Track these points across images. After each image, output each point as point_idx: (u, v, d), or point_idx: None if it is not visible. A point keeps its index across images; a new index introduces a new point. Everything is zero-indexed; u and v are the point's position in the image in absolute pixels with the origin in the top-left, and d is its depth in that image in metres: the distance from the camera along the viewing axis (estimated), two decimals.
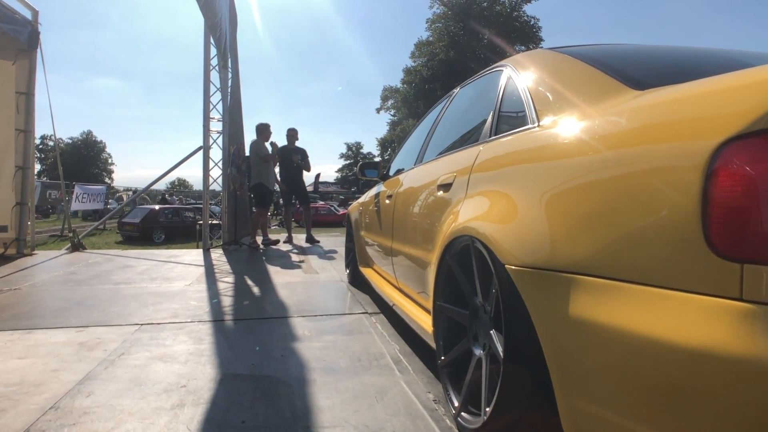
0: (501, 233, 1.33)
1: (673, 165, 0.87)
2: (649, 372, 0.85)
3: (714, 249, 0.77)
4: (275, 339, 2.49)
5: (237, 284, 4.06)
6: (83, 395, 1.77)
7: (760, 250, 0.73)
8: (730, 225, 0.76)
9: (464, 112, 2.37)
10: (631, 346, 0.88)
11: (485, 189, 1.58)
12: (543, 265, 1.13)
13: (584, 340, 0.99)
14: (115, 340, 2.44)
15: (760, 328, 0.71)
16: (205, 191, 6.58)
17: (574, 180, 1.14)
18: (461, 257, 1.61)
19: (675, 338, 0.80)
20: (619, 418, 0.92)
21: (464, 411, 1.47)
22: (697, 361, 0.76)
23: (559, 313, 1.05)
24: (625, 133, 1.06)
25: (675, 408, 0.80)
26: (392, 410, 1.66)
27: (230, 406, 1.69)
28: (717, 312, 0.76)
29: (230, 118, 6.78)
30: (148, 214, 14.19)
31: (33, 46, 5.72)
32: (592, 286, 0.99)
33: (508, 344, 1.22)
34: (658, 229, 0.87)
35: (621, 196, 0.98)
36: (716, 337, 0.74)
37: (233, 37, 7.33)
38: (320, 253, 6.19)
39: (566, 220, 1.12)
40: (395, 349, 2.31)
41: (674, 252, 0.84)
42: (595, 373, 0.96)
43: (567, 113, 1.35)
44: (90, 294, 3.57)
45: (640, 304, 0.88)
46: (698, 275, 0.79)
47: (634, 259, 0.92)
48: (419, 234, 2.18)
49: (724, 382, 0.73)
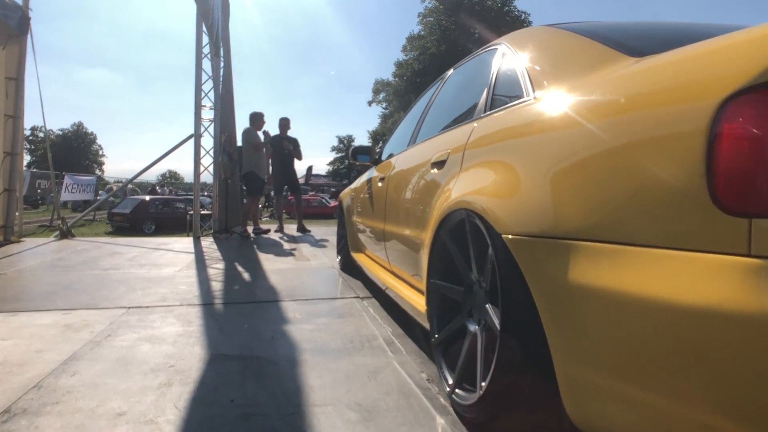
0: (497, 204, 1.30)
1: (676, 123, 0.84)
2: (653, 335, 0.82)
3: (720, 205, 0.75)
4: (265, 322, 2.45)
5: (227, 270, 4.01)
6: (68, 374, 1.72)
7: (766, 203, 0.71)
8: (736, 179, 0.74)
9: (458, 92, 2.34)
10: (635, 309, 0.85)
11: (480, 162, 1.55)
12: (541, 233, 1.10)
13: (585, 306, 0.96)
14: (102, 322, 2.39)
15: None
16: (195, 180, 6.51)
17: (572, 146, 1.11)
18: (456, 233, 1.58)
19: (681, 299, 0.77)
20: (620, 384, 0.89)
21: (459, 388, 1.44)
22: (705, 320, 0.74)
23: (558, 281, 1.02)
24: (624, 96, 1.03)
25: (681, 370, 0.78)
26: (385, 389, 1.63)
27: (219, 385, 1.65)
28: (724, 269, 0.73)
29: (222, 107, 6.69)
30: (139, 205, 14.06)
31: (23, 32, 5.59)
32: (593, 251, 0.96)
33: (504, 316, 1.20)
34: (661, 189, 0.85)
35: (622, 158, 0.96)
36: (724, 295, 0.72)
37: (225, 26, 7.22)
38: (312, 241, 6.14)
39: (565, 186, 1.10)
40: (388, 332, 2.29)
41: (679, 211, 0.81)
42: (597, 339, 0.94)
43: (563, 83, 1.32)
44: (78, 279, 3.51)
45: (644, 266, 0.85)
46: (704, 233, 0.77)
47: (636, 221, 0.89)
48: (413, 214, 2.14)
49: (734, 340, 0.70)
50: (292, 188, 7.45)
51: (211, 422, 1.39)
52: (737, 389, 0.71)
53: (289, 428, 1.36)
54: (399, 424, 1.39)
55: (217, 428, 1.36)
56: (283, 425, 1.38)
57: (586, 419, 1.01)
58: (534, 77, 1.51)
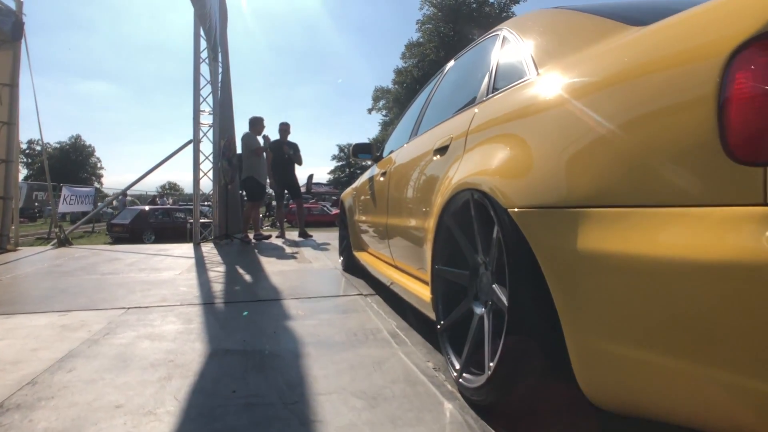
0: (501, 180, 1.27)
1: (685, 79, 0.83)
2: (670, 296, 0.79)
3: (734, 157, 0.72)
4: (267, 318, 2.40)
5: (228, 273, 3.97)
6: (64, 371, 1.68)
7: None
8: (749, 129, 0.72)
9: (460, 82, 2.31)
10: (650, 271, 0.82)
11: (483, 143, 1.52)
12: (547, 203, 1.07)
13: (597, 273, 0.93)
14: (100, 322, 2.34)
15: None
16: (195, 185, 6.47)
17: (576, 114, 1.09)
18: (460, 216, 1.55)
19: (697, 255, 0.74)
20: (637, 351, 0.85)
21: (466, 372, 1.40)
22: (724, 274, 0.71)
23: (567, 250, 0.98)
24: (630, 59, 1.01)
25: (701, 330, 0.75)
26: (391, 378, 1.58)
27: (220, 378, 1.60)
28: (740, 221, 0.71)
29: (221, 112, 6.68)
30: (138, 215, 14.03)
31: (17, 37, 5.59)
32: (602, 216, 0.93)
33: (512, 292, 1.16)
34: (671, 148, 0.83)
35: (629, 120, 0.94)
36: (742, 246, 0.69)
37: (223, 31, 7.23)
38: (313, 245, 6.10)
39: (571, 155, 1.07)
40: (392, 325, 2.24)
41: (690, 168, 0.79)
42: (610, 306, 0.90)
43: (566, 57, 1.30)
44: (75, 283, 3.46)
45: (656, 227, 0.82)
46: (717, 187, 0.75)
47: (646, 183, 0.87)
48: (416, 204, 2.11)
49: (755, 290, 0.67)
50: (292, 193, 7.41)
51: (213, 412, 1.34)
52: (761, 342, 0.67)
53: (293, 416, 1.31)
54: (406, 410, 1.34)
55: (219, 417, 1.31)
56: (286, 413, 1.33)
57: (600, 390, 0.97)
58: (537, 56, 1.48)
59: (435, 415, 1.31)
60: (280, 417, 1.31)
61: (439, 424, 1.26)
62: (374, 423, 1.26)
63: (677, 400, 0.82)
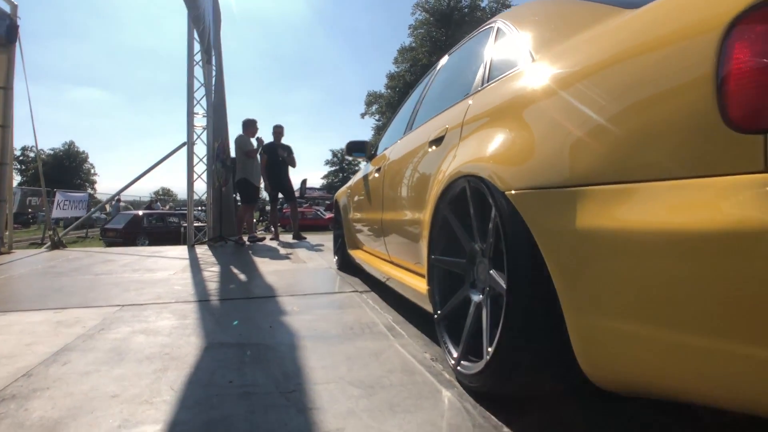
0: (498, 164, 1.28)
1: (683, 52, 0.83)
2: (672, 269, 0.79)
3: (734, 126, 0.73)
4: (263, 314, 2.39)
5: (223, 272, 3.95)
6: (59, 364, 1.66)
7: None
8: (750, 95, 0.72)
9: (454, 75, 2.32)
10: (651, 245, 0.82)
11: (479, 131, 1.52)
12: (545, 184, 1.08)
13: (597, 251, 0.93)
14: (95, 318, 2.32)
15: None
16: (189, 187, 6.44)
17: (573, 95, 1.10)
18: (456, 204, 1.55)
19: (699, 225, 0.74)
20: (640, 326, 0.85)
21: (463, 360, 1.40)
22: (726, 244, 0.71)
23: (566, 229, 0.99)
24: (625, 35, 1.02)
25: (705, 300, 0.74)
26: (388, 368, 1.58)
27: (216, 369, 1.60)
28: (741, 188, 0.71)
29: (214, 114, 6.67)
30: (132, 220, 13.97)
31: (12, 40, 5.56)
32: (600, 194, 0.94)
33: (510, 275, 1.16)
34: (669, 121, 0.83)
35: (626, 98, 0.95)
36: (743, 213, 0.69)
37: (217, 34, 7.24)
38: (308, 246, 6.09)
39: (567, 136, 1.08)
40: (388, 319, 2.24)
41: (690, 139, 0.79)
42: (611, 282, 0.90)
43: (562, 43, 1.31)
44: (70, 283, 3.44)
45: (656, 201, 0.83)
46: (718, 156, 0.75)
47: (645, 157, 0.87)
48: (411, 196, 2.12)
49: (758, 257, 0.67)
50: (286, 196, 7.40)
51: (210, 401, 1.34)
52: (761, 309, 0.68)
53: (290, 404, 1.31)
54: (404, 397, 1.34)
55: (216, 406, 1.30)
56: (284, 401, 1.32)
57: (601, 369, 0.97)
58: (531, 44, 1.50)
59: (433, 402, 1.31)
60: (278, 405, 1.30)
61: (438, 410, 1.26)
62: (372, 410, 1.26)
63: (679, 375, 0.82)
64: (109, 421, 1.22)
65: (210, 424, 1.20)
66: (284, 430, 1.16)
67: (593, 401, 1.32)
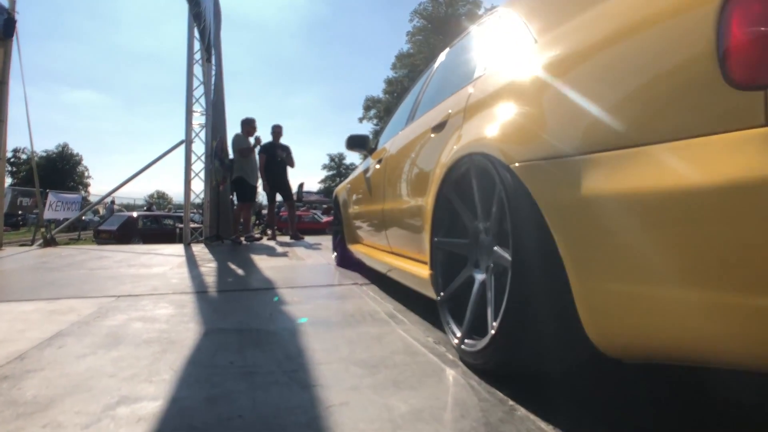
0: (503, 140, 1.28)
1: (683, 13, 0.84)
2: (678, 229, 0.79)
3: (735, 83, 0.74)
4: (262, 304, 2.36)
5: (220, 268, 3.92)
6: (54, 347, 1.63)
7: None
8: (751, 51, 0.73)
9: (456, 66, 2.31)
10: (657, 207, 0.82)
11: (482, 111, 1.51)
12: (550, 155, 1.07)
13: (603, 216, 0.93)
14: (90, 308, 2.28)
15: None
16: (186, 184, 6.41)
17: (577, 65, 1.10)
18: (460, 185, 1.54)
19: (702, 182, 0.75)
20: (647, 288, 0.85)
21: (467, 339, 1.38)
22: (729, 196, 0.71)
23: (572, 197, 0.98)
24: (627, 7, 1.02)
25: (711, 257, 0.74)
26: (390, 350, 1.56)
27: (217, 351, 1.57)
28: (742, 144, 0.72)
29: (213, 113, 6.64)
30: (126, 221, 13.86)
31: (9, 34, 5.53)
32: (605, 160, 0.93)
33: (515, 247, 1.15)
34: (671, 84, 0.85)
35: (628, 64, 0.95)
36: (745, 166, 0.70)
37: (217, 32, 7.22)
38: (305, 245, 6.05)
39: (570, 107, 1.08)
40: (389, 308, 2.21)
41: (692, 100, 0.81)
42: (619, 247, 0.89)
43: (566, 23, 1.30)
44: (63, 277, 3.39)
45: (660, 163, 0.83)
46: (720, 115, 0.76)
47: (647, 122, 0.89)
48: (414, 183, 2.10)
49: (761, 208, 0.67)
50: (284, 195, 7.37)
51: (211, 379, 1.31)
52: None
53: (292, 382, 1.28)
54: (408, 375, 1.31)
55: (218, 384, 1.27)
56: (286, 379, 1.30)
57: (608, 335, 0.96)
58: (534, 27, 1.49)
59: (437, 379, 1.29)
60: (280, 382, 1.28)
61: (443, 386, 1.24)
62: (377, 386, 1.24)
63: (689, 333, 0.81)
64: (107, 398, 1.19)
65: (211, 399, 1.17)
66: (287, 404, 1.13)
67: (598, 375, 1.30)
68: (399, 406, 1.12)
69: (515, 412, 1.08)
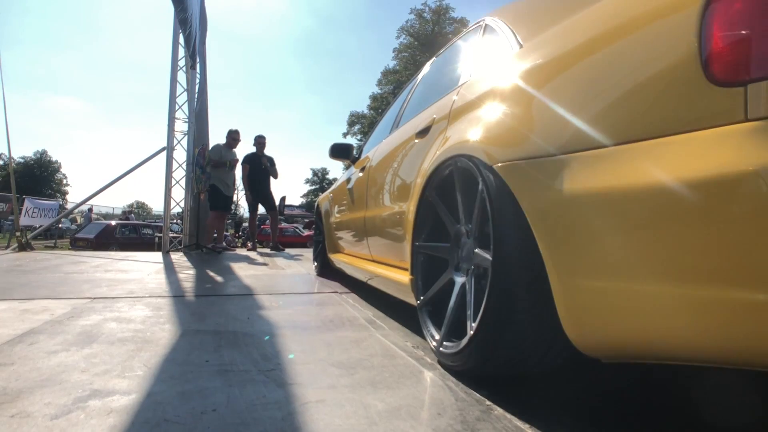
0: (487, 140, 1.30)
1: (665, 12, 0.87)
2: (660, 223, 0.81)
3: (716, 80, 0.76)
4: (240, 309, 2.34)
5: (198, 275, 3.87)
6: (25, 344, 1.59)
7: (763, 66, 0.72)
8: (731, 49, 0.76)
9: (442, 73, 2.36)
10: (638, 203, 0.84)
11: (467, 115, 1.55)
12: (532, 154, 1.10)
13: (584, 214, 0.95)
14: (64, 308, 2.23)
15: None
16: (167, 191, 6.33)
17: (560, 68, 1.14)
18: (442, 189, 1.57)
19: (684, 177, 0.77)
20: (627, 284, 0.86)
21: (445, 341, 1.39)
22: (710, 190, 0.73)
23: (553, 195, 1.01)
24: (610, 9, 1.06)
25: (693, 250, 0.76)
26: (369, 353, 1.56)
27: (192, 350, 1.55)
28: (723, 139, 0.74)
29: (197, 120, 6.62)
30: (104, 230, 13.61)
31: None
32: (587, 159, 0.96)
33: (496, 247, 1.16)
34: (653, 83, 0.87)
35: (611, 64, 0.98)
36: (726, 161, 0.72)
37: (203, 40, 7.24)
38: (286, 256, 6.01)
39: (552, 108, 1.12)
40: (369, 314, 2.22)
41: (674, 98, 0.83)
42: (599, 244, 0.91)
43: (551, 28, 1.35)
44: (37, 279, 3.31)
45: (642, 160, 0.85)
46: (702, 112, 0.78)
47: (628, 120, 0.91)
48: (396, 188, 2.12)
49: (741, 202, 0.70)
50: (267, 206, 7.33)
51: (185, 376, 1.29)
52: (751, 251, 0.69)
53: (269, 380, 1.27)
54: (386, 376, 1.32)
55: (192, 380, 1.26)
56: (262, 378, 1.29)
57: (588, 334, 0.97)
58: (519, 33, 1.54)
59: (415, 380, 1.30)
60: (256, 381, 1.27)
61: (420, 387, 1.24)
62: (354, 386, 1.24)
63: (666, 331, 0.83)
64: (78, 391, 1.17)
65: (185, 394, 1.16)
66: (263, 401, 1.13)
67: (576, 376, 1.32)
68: (376, 404, 1.12)
69: (492, 412, 1.09)
